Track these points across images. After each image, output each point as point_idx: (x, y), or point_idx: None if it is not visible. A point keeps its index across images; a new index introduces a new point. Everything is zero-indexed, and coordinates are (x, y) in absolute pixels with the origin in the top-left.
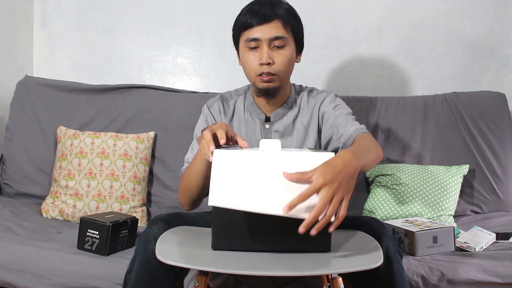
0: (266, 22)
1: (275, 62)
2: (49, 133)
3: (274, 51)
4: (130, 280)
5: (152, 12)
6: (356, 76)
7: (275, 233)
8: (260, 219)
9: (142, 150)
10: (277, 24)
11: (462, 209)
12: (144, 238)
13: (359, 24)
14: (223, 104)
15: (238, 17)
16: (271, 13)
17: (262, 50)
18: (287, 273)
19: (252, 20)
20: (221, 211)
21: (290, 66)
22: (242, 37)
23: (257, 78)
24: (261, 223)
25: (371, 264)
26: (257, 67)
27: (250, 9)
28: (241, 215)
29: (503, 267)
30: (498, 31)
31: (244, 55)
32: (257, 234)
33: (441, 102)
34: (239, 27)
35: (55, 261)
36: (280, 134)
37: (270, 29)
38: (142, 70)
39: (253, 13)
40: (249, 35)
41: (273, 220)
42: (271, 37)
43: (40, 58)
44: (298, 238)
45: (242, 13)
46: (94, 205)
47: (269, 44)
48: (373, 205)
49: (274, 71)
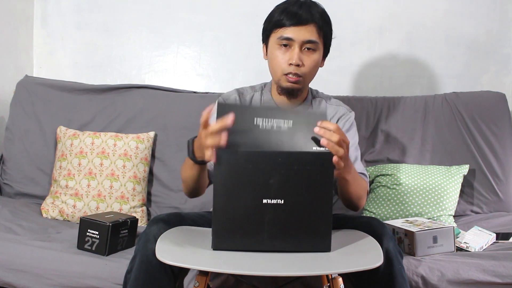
0: (302, 25)
1: (304, 65)
2: (49, 133)
3: (304, 54)
4: (129, 280)
5: (152, 12)
6: (356, 76)
7: (275, 233)
8: (260, 219)
9: (142, 150)
10: (312, 28)
11: (462, 209)
12: (144, 238)
13: (359, 24)
14: (240, 97)
15: (273, 13)
16: (309, 17)
17: (293, 50)
18: (287, 273)
19: (288, 20)
20: (221, 211)
21: (316, 70)
22: (275, 34)
23: (283, 77)
24: (261, 223)
25: (371, 264)
26: (285, 66)
27: (286, 8)
28: (241, 215)
29: (503, 267)
30: (498, 31)
31: (273, 51)
32: (257, 234)
33: (441, 102)
34: (273, 23)
35: (55, 261)
36: None
37: (305, 32)
38: (142, 70)
39: (291, 13)
40: (283, 33)
41: (273, 220)
42: (305, 40)
43: (40, 58)
44: (298, 238)
45: (277, 11)
46: (94, 205)
47: (301, 46)
48: (373, 205)
49: (301, 73)
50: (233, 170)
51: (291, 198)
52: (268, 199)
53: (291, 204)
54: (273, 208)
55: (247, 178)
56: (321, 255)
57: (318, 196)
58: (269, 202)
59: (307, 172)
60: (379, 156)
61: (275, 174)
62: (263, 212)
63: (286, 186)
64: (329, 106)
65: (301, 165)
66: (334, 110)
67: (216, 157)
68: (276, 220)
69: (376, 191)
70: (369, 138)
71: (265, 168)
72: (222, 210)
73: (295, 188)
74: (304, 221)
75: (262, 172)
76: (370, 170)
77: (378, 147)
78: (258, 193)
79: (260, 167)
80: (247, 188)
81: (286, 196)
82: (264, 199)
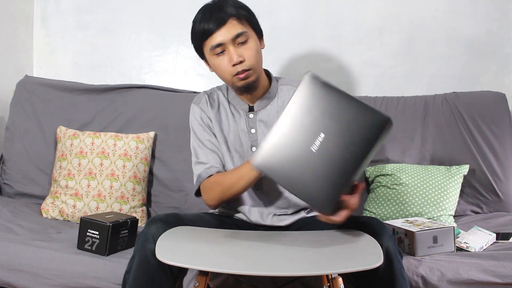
0: (223, 25)
1: (245, 59)
2: (49, 133)
3: (240, 48)
4: (128, 280)
5: (152, 12)
6: (356, 76)
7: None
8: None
9: (142, 150)
10: (233, 23)
11: (462, 209)
12: (143, 238)
13: (359, 24)
14: (208, 97)
15: (193, 28)
16: (224, 15)
17: (229, 52)
18: (287, 273)
19: (209, 27)
20: (279, 133)
21: (259, 56)
22: (206, 46)
23: (234, 78)
24: (301, 165)
25: (371, 264)
26: (230, 69)
27: (202, 17)
28: (291, 148)
29: (503, 267)
30: (498, 31)
31: (213, 62)
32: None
33: (441, 102)
34: (199, 37)
35: (55, 261)
36: (264, 124)
37: (228, 30)
38: (142, 70)
39: (207, 20)
40: (212, 42)
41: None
42: (233, 36)
43: (40, 58)
44: (310, 190)
45: (196, 24)
46: (94, 205)
47: (233, 43)
48: (373, 205)
49: (247, 67)
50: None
51: (330, 145)
52: (315, 141)
53: (325, 152)
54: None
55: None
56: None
57: (349, 156)
58: (313, 145)
59: (354, 124)
60: (379, 156)
61: (330, 116)
62: (307, 155)
63: (332, 133)
64: (294, 88)
65: (353, 115)
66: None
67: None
68: (309, 166)
69: (376, 191)
70: None
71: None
72: (280, 133)
73: (337, 138)
74: (324, 175)
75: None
76: (370, 170)
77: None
78: (312, 132)
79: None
80: (306, 123)
81: (325, 144)
82: (313, 140)
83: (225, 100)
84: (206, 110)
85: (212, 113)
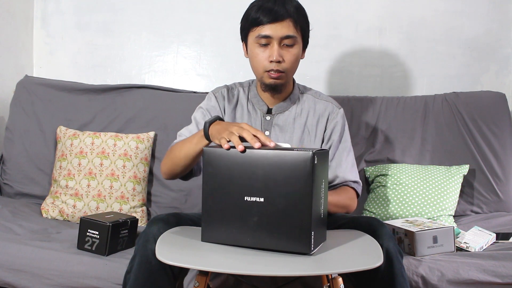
0: (279, 21)
1: (284, 60)
2: (49, 133)
3: (284, 49)
4: (129, 280)
5: (152, 12)
6: (356, 76)
7: (257, 231)
8: (243, 216)
9: (142, 150)
10: (288, 23)
11: (462, 209)
12: (144, 238)
13: (359, 24)
14: (228, 92)
15: (249, 12)
16: (284, 12)
17: (272, 47)
18: (287, 273)
19: (265, 17)
20: (209, 205)
21: (296, 64)
22: (253, 33)
23: (265, 74)
24: (244, 220)
25: (371, 264)
26: (266, 64)
27: (262, 5)
28: (226, 210)
29: (503, 267)
30: (498, 31)
31: (253, 50)
32: (241, 230)
33: (441, 102)
34: (250, 22)
35: (55, 261)
36: (279, 128)
37: (282, 28)
38: (142, 70)
39: (266, 10)
40: (261, 31)
41: (256, 218)
42: (283, 35)
43: (40, 58)
44: (280, 237)
45: (253, 9)
46: (94, 205)
47: (280, 42)
48: (373, 205)
49: (283, 69)
50: (219, 166)
51: (272, 197)
52: (250, 197)
53: (271, 203)
54: (255, 205)
55: (232, 175)
56: (321, 255)
57: (298, 196)
58: (251, 199)
59: (288, 170)
60: (379, 156)
61: (258, 171)
62: (246, 209)
63: (267, 184)
64: (318, 101)
65: (282, 163)
66: (323, 106)
67: (205, 153)
68: (258, 218)
69: (376, 191)
70: (369, 138)
71: (249, 166)
72: (210, 204)
73: (276, 186)
74: (284, 220)
75: (246, 169)
76: (370, 170)
77: (378, 147)
78: (242, 190)
79: (245, 164)
80: (231, 184)
81: (267, 194)
82: (246, 196)
83: (244, 97)
84: (222, 102)
85: (228, 108)
